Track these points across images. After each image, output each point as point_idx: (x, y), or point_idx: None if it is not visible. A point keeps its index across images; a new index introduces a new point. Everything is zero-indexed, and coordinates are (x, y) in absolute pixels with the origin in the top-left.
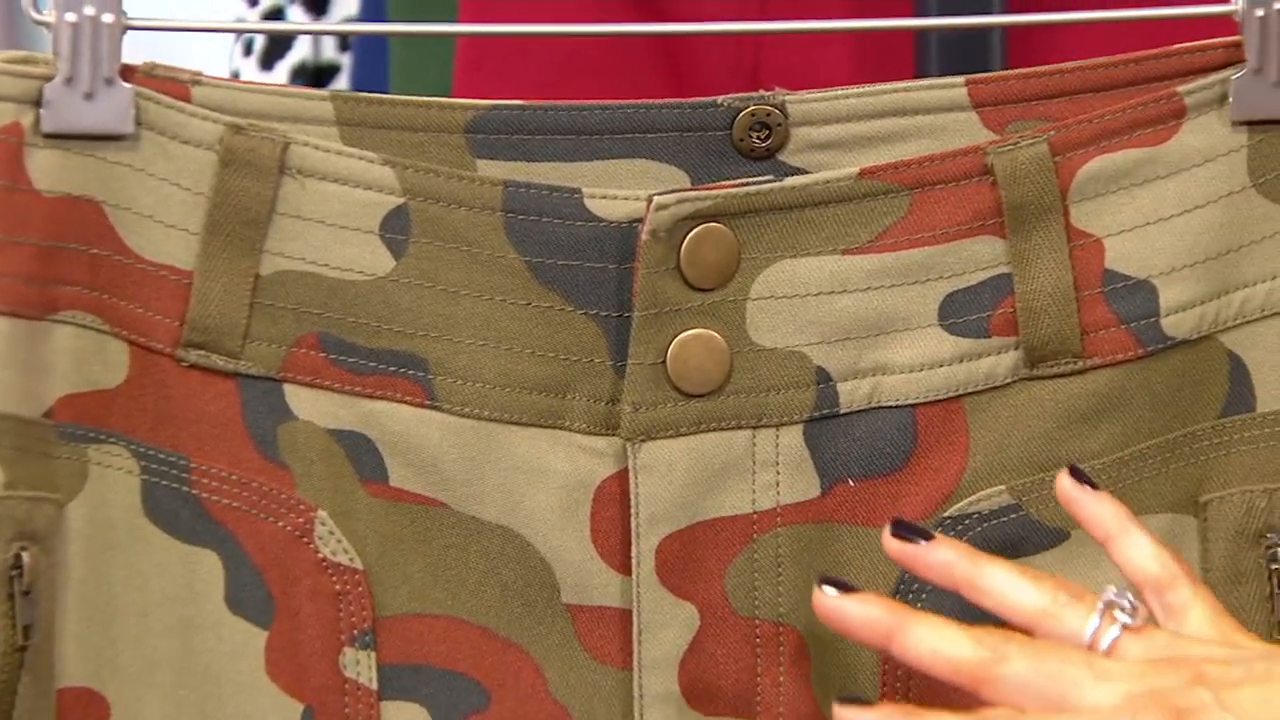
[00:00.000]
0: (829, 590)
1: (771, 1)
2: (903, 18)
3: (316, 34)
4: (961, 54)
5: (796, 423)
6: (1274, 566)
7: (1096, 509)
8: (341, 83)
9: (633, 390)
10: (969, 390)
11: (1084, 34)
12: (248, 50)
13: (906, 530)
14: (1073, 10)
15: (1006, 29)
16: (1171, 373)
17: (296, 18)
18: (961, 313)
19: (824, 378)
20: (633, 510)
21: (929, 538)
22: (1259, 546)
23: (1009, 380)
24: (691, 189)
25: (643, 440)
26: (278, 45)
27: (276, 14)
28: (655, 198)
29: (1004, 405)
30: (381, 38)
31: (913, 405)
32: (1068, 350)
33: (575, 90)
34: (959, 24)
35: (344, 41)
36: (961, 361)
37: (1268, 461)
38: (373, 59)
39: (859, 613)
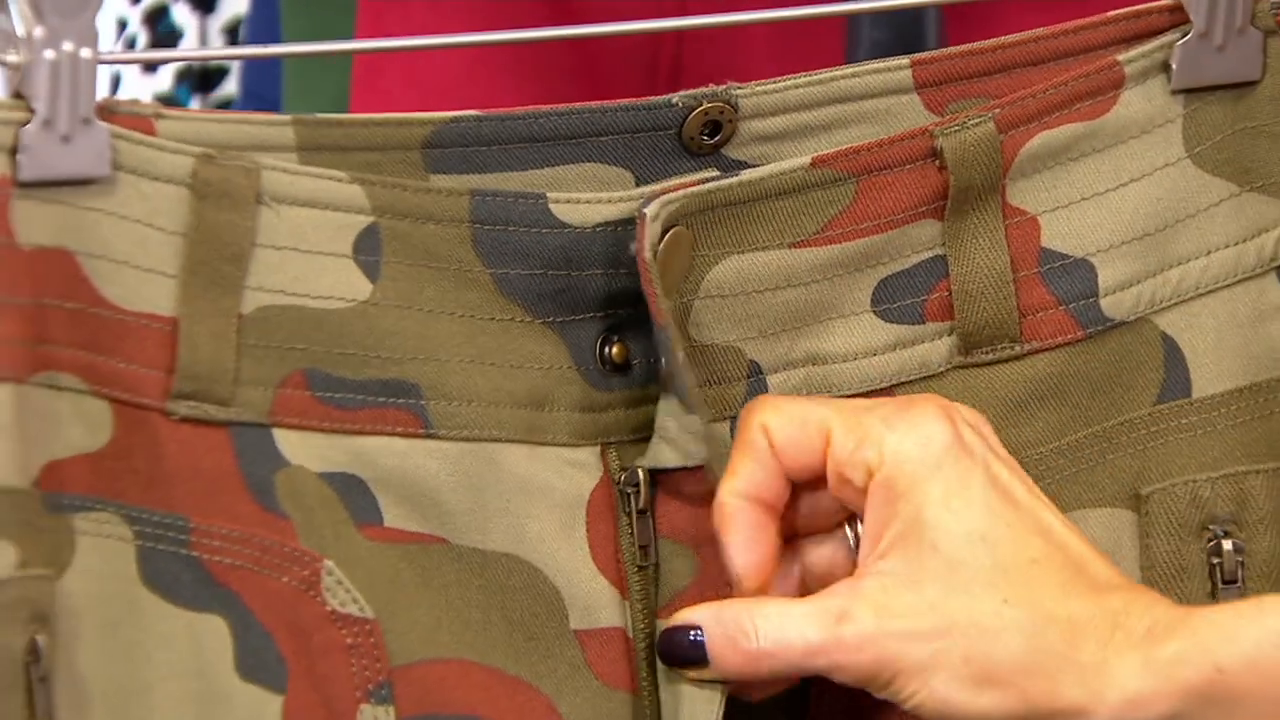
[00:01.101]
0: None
1: None
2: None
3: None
4: (893, 51)
5: (726, 418)
6: (1215, 560)
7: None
8: (230, 86)
9: (703, 412)
10: (903, 380)
11: (1023, 15)
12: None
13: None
14: None
15: (944, 20)
16: (1109, 357)
17: (181, 15)
18: (895, 298)
19: (755, 370)
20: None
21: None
22: (1201, 539)
23: (944, 368)
24: (662, 191)
25: None
26: (161, 48)
27: (160, 11)
28: (645, 211)
29: (939, 394)
30: (273, 39)
31: (845, 396)
32: (1005, 334)
33: (483, 93)
34: (889, 6)
35: (232, 41)
36: (895, 349)
37: (1207, 450)
38: (264, 62)
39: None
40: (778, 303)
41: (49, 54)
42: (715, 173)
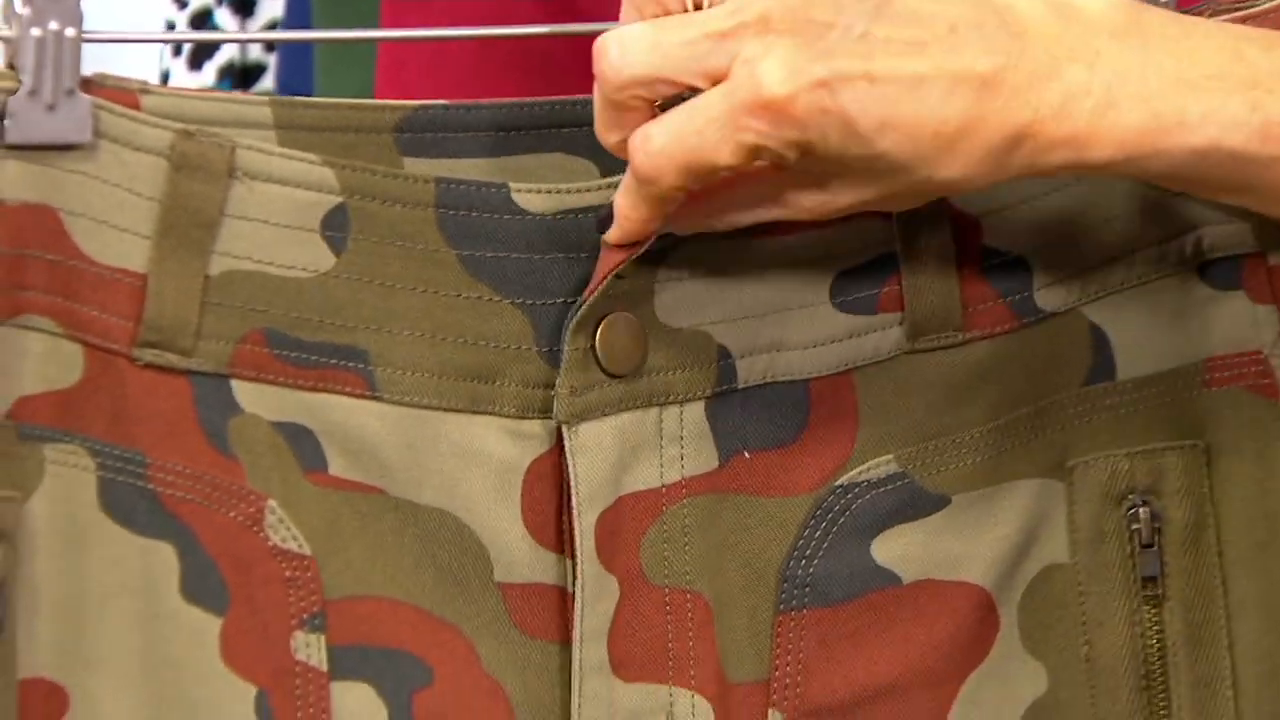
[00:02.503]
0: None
1: None
2: None
3: (273, 42)
4: None
5: (699, 399)
6: (1134, 527)
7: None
8: (267, 82)
9: (570, 375)
10: (857, 364)
11: None
12: (177, 51)
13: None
14: None
15: None
16: (1041, 344)
17: (223, 18)
18: (851, 291)
19: (724, 355)
20: (572, 490)
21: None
22: (1120, 508)
23: (893, 354)
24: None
25: (577, 422)
26: (206, 45)
27: (205, 15)
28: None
29: (890, 377)
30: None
31: (806, 380)
32: (949, 324)
33: (496, 87)
34: None
35: (269, 43)
36: (851, 337)
37: (1128, 427)
38: (298, 58)
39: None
40: (739, 289)
41: (35, 31)
42: None
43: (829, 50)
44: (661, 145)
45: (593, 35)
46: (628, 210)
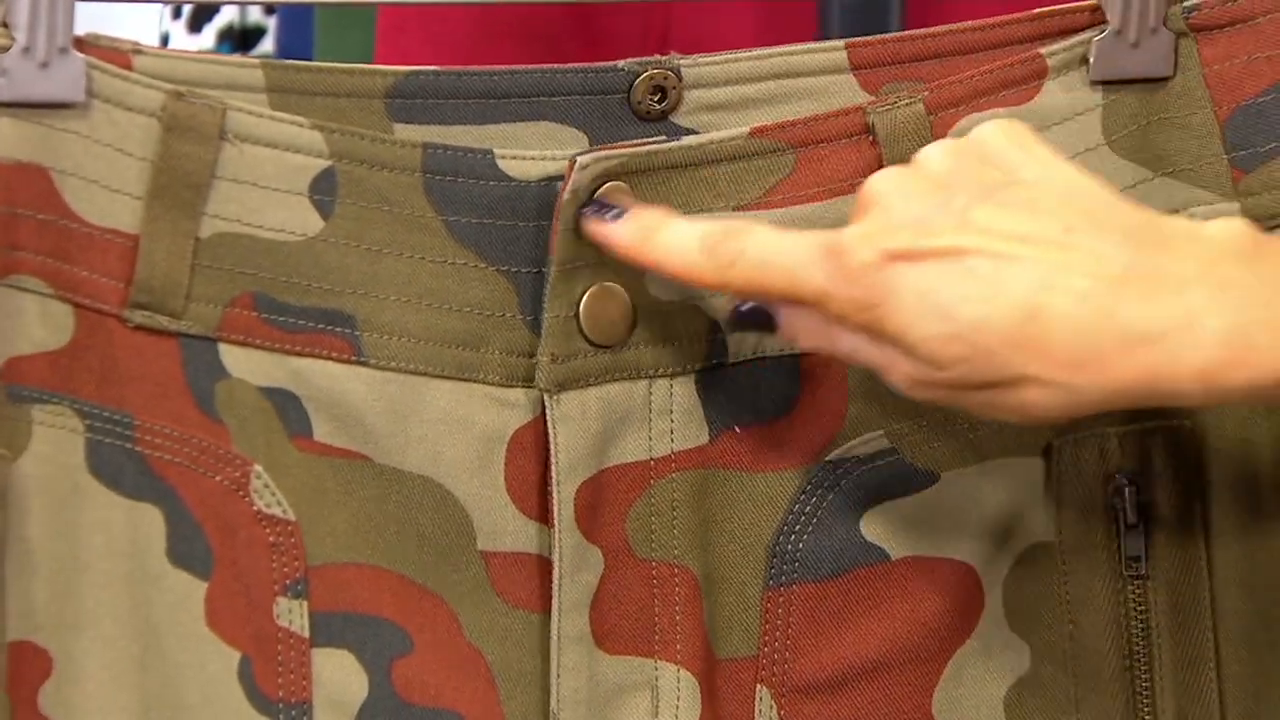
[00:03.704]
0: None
1: None
2: None
3: (259, 4)
4: (862, 19)
5: (690, 373)
6: (1120, 506)
7: (621, 230)
8: (267, 44)
9: (550, 342)
10: None
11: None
12: (177, 13)
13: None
14: None
15: None
16: None
17: None
18: None
19: (715, 329)
20: (552, 459)
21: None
22: (1106, 487)
23: None
24: (604, 148)
25: (559, 391)
26: (206, 8)
27: None
28: (578, 158)
29: None
30: (306, 11)
31: (796, 355)
32: None
33: (494, 53)
34: None
35: (269, 9)
36: None
37: None
38: (297, 21)
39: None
40: None
41: None
42: (663, 138)
43: (921, 220)
44: (749, 261)
45: (589, 4)
46: (667, 261)
